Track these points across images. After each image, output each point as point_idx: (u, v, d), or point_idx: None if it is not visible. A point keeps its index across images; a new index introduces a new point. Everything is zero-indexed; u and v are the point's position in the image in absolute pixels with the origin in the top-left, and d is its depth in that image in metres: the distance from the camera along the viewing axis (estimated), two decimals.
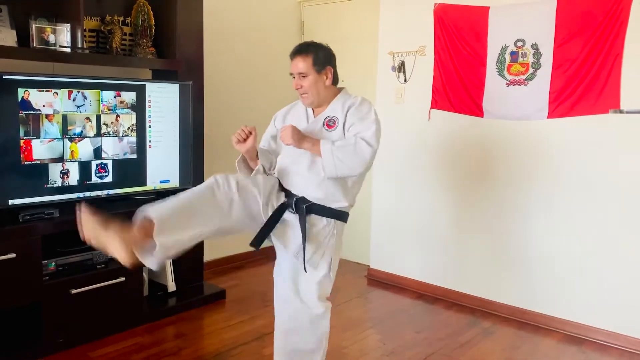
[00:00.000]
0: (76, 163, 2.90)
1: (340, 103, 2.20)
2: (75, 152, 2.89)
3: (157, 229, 1.84)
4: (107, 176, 3.02)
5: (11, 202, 2.68)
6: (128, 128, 3.09)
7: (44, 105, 2.75)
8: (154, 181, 3.24)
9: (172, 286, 3.44)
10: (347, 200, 2.19)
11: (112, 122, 3.01)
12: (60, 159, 2.84)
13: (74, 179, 2.90)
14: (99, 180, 3.00)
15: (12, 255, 2.59)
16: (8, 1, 2.80)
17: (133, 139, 3.11)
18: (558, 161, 3.18)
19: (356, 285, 3.93)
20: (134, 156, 3.13)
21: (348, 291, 3.75)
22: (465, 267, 3.62)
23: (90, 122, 2.93)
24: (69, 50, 2.89)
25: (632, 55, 2.87)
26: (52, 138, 2.79)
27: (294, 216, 2.15)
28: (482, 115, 3.43)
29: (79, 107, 2.88)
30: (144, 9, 3.27)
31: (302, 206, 2.13)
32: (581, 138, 3.09)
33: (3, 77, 2.60)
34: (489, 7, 3.31)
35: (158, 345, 2.90)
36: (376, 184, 4.00)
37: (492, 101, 3.38)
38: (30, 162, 2.72)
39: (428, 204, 3.76)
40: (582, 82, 3.03)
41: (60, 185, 2.85)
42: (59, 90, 2.79)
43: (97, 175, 2.99)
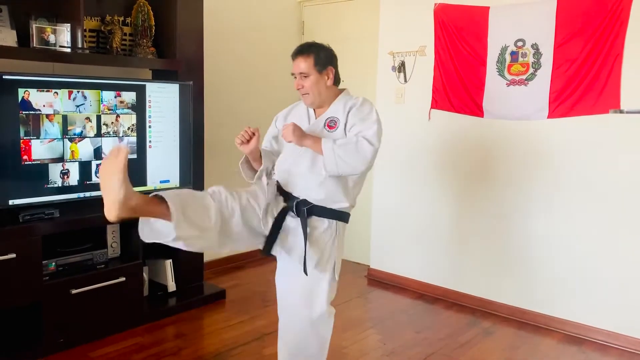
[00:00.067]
0: (76, 163, 2.90)
1: (341, 104, 2.20)
2: (76, 152, 2.89)
3: (176, 219, 1.80)
4: None
5: (11, 202, 2.68)
6: (128, 128, 3.09)
7: (44, 106, 2.75)
8: (154, 181, 3.24)
9: (172, 286, 3.44)
10: (348, 200, 2.18)
11: (112, 122, 3.02)
12: (60, 159, 2.84)
13: (74, 179, 2.90)
14: (99, 181, 2.99)
15: (12, 255, 2.59)
16: (8, 1, 2.80)
17: (133, 139, 3.11)
18: (558, 161, 3.18)
19: (356, 285, 3.93)
20: (134, 156, 3.12)
21: (348, 291, 3.75)
22: (465, 267, 3.62)
23: (90, 122, 2.93)
24: (69, 50, 2.89)
25: (632, 55, 2.88)
26: (52, 138, 2.80)
27: (295, 222, 2.14)
28: (482, 116, 3.43)
29: (79, 106, 2.88)
30: (144, 9, 3.27)
31: (302, 209, 2.12)
32: (581, 138, 3.09)
33: (3, 77, 2.60)
34: (489, 7, 3.31)
35: (158, 345, 2.90)
36: (376, 184, 4.00)
37: (492, 101, 3.38)
38: (30, 162, 2.73)
39: (428, 204, 3.76)
40: (582, 82, 3.03)
41: (60, 185, 2.85)
42: (59, 91, 2.79)
43: (97, 175, 2.99)
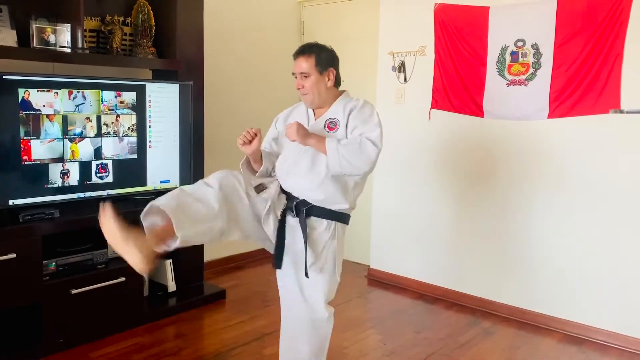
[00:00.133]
0: (76, 163, 2.90)
1: (341, 105, 2.19)
2: (76, 152, 2.89)
3: (176, 223, 1.82)
4: (107, 176, 3.03)
5: (11, 202, 2.68)
6: (128, 128, 3.09)
7: (44, 106, 2.75)
8: (154, 181, 3.24)
9: (172, 286, 3.44)
10: (347, 202, 2.18)
11: (112, 122, 3.02)
12: (60, 159, 2.84)
13: (74, 179, 2.90)
14: (99, 181, 3.00)
15: (13, 255, 2.59)
16: (8, 1, 2.80)
17: (133, 139, 3.11)
18: (558, 161, 3.18)
19: (356, 285, 3.93)
20: (134, 156, 3.13)
21: (348, 291, 3.75)
22: (465, 267, 3.62)
23: (90, 122, 2.93)
24: (69, 50, 2.89)
25: (633, 55, 2.87)
26: (52, 138, 2.80)
27: (294, 221, 2.15)
28: (482, 116, 3.43)
29: (79, 106, 2.88)
30: (144, 9, 3.27)
31: (302, 209, 2.13)
32: (581, 138, 3.09)
33: (3, 77, 2.61)
34: (489, 7, 3.31)
35: (158, 345, 2.90)
36: (376, 184, 4.00)
37: (492, 101, 3.37)
38: (30, 162, 2.73)
39: (428, 204, 3.76)
40: (583, 82, 3.03)
41: (60, 185, 2.85)
42: (59, 91, 2.79)
43: (98, 175, 2.99)
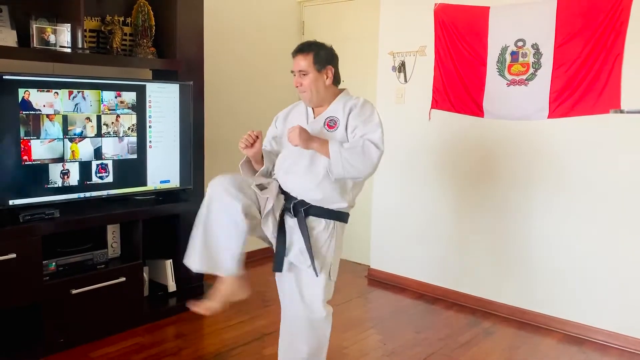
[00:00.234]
0: (76, 163, 2.90)
1: (341, 103, 2.19)
2: (76, 152, 2.89)
3: (226, 272, 2.19)
4: (107, 176, 3.03)
5: (11, 202, 2.68)
6: (128, 128, 3.09)
7: (44, 106, 2.75)
8: (154, 181, 3.24)
9: (172, 286, 3.43)
10: (346, 201, 2.18)
11: (112, 122, 3.01)
12: (60, 159, 2.84)
13: (74, 179, 2.90)
14: (100, 181, 3.00)
15: (13, 255, 2.58)
16: (8, 1, 2.80)
17: (133, 139, 3.11)
18: (558, 161, 3.18)
19: (356, 286, 3.93)
20: (134, 156, 3.13)
21: (348, 291, 3.75)
22: (465, 267, 3.62)
23: (90, 122, 2.93)
24: (69, 50, 2.89)
25: (633, 55, 2.87)
26: (52, 138, 2.79)
27: (292, 222, 2.15)
28: (482, 116, 3.43)
29: (79, 106, 2.88)
30: (144, 9, 3.27)
31: (300, 209, 2.13)
32: (581, 138, 3.09)
33: (3, 77, 2.60)
34: (489, 7, 3.31)
35: (158, 345, 2.90)
36: (377, 184, 4.00)
37: (492, 101, 3.37)
38: (30, 163, 2.73)
39: (428, 204, 3.76)
40: (583, 82, 3.03)
41: (60, 185, 2.85)
42: (59, 91, 2.79)
43: (98, 175, 2.99)
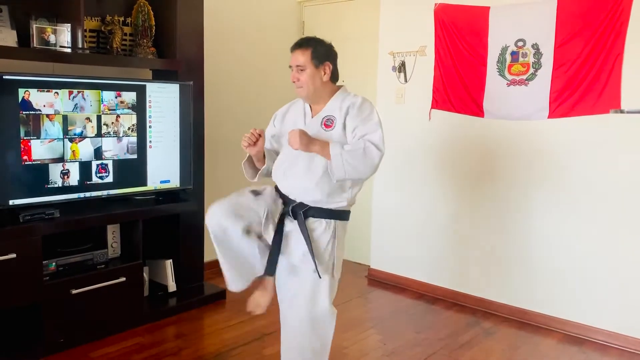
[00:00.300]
0: (77, 163, 2.90)
1: (338, 101, 2.18)
2: (76, 152, 2.89)
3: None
4: (107, 176, 3.03)
5: (12, 202, 2.68)
6: (128, 128, 3.09)
7: (44, 106, 2.75)
8: (154, 181, 3.24)
9: (172, 286, 3.44)
10: (345, 199, 2.17)
11: (112, 123, 3.01)
12: (60, 159, 2.84)
13: (74, 179, 2.90)
14: (100, 181, 3.00)
15: (13, 255, 2.59)
16: (8, 1, 2.80)
17: (133, 139, 3.11)
18: (558, 161, 3.18)
19: (357, 286, 3.93)
20: (135, 156, 3.13)
21: (348, 291, 3.75)
22: (465, 267, 3.62)
23: (90, 122, 2.93)
24: (69, 50, 2.89)
25: (633, 55, 2.87)
26: (52, 138, 2.79)
27: (293, 225, 2.15)
28: (482, 116, 3.43)
29: (79, 106, 2.88)
30: (144, 9, 3.27)
31: (299, 212, 2.13)
32: (582, 138, 3.09)
33: (3, 77, 2.60)
34: (489, 7, 3.31)
35: (158, 345, 2.90)
36: (377, 184, 4.00)
37: (492, 101, 3.37)
38: (30, 162, 2.73)
39: (428, 204, 3.76)
40: (583, 82, 3.02)
41: (60, 185, 2.85)
42: (59, 91, 2.79)
43: (98, 175, 2.99)
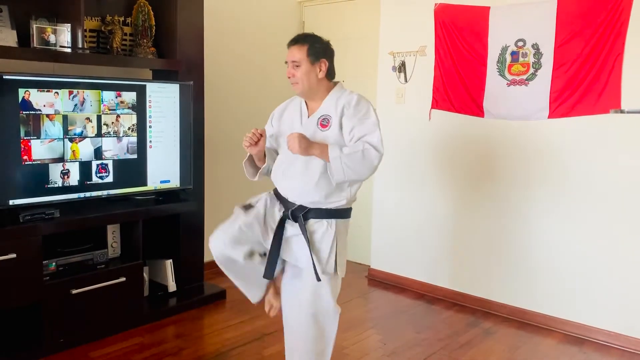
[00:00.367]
0: (77, 163, 2.90)
1: (334, 99, 2.17)
2: (76, 152, 2.89)
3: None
4: (107, 176, 3.02)
5: (12, 202, 2.68)
6: (128, 128, 3.09)
7: (44, 106, 2.75)
8: (155, 181, 3.24)
9: (172, 286, 3.44)
10: (345, 198, 2.17)
11: (112, 122, 3.01)
12: (60, 159, 2.84)
13: (74, 179, 2.90)
14: (100, 181, 3.00)
15: (13, 255, 2.59)
16: (8, 1, 2.80)
17: (133, 139, 3.11)
18: (559, 161, 3.18)
19: (357, 286, 3.93)
20: (135, 156, 3.13)
21: (349, 291, 3.75)
22: (465, 268, 3.62)
23: (90, 122, 2.93)
24: (69, 50, 2.89)
25: (633, 55, 2.87)
26: (52, 138, 2.79)
27: (294, 229, 2.15)
28: (482, 116, 3.43)
29: (79, 106, 2.88)
30: (144, 9, 3.27)
31: (299, 215, 2.13)
32: (582, 138, 3.09)
33: (3, 77, 2.60)
34: (489, 7, 3.31)
35: (158, 345, 2.90)
36: (377, 184, 4.00)
37: (492, 101, 3.37)
38: (30, 162, 2.72)
39: (428, 204, 3.76)
40: (583, 82, 3.02)
41: (60, 185, 2.85)
42: (59, 91, 2.79)
43: (98, 175, 2.99)
